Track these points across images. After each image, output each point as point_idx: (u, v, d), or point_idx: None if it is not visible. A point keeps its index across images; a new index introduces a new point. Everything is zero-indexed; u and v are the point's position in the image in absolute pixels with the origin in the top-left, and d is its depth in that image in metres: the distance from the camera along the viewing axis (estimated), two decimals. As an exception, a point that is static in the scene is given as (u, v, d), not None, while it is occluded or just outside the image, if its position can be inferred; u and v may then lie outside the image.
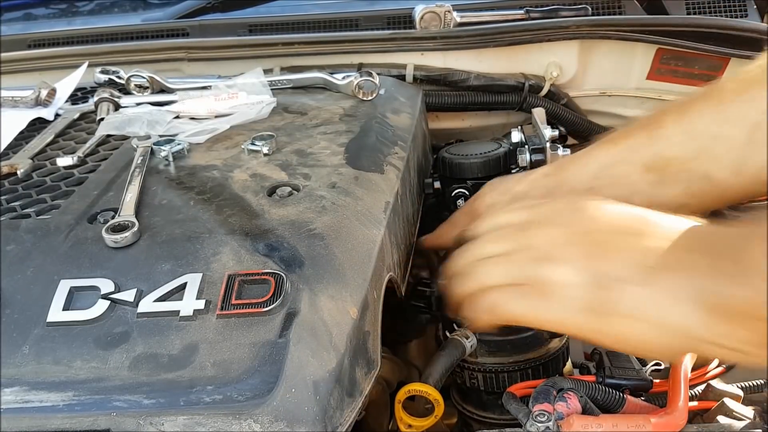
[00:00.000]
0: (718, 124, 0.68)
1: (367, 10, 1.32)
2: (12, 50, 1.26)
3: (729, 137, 0.67)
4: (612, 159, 0.73)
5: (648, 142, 0.71)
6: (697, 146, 0.69)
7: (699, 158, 0.68)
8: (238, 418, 0.45)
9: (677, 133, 0.70)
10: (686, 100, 0.72)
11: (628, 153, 0.72)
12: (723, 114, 0.68)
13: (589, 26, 1.12)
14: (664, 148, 0.70)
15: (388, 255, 0.66)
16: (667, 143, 0.70)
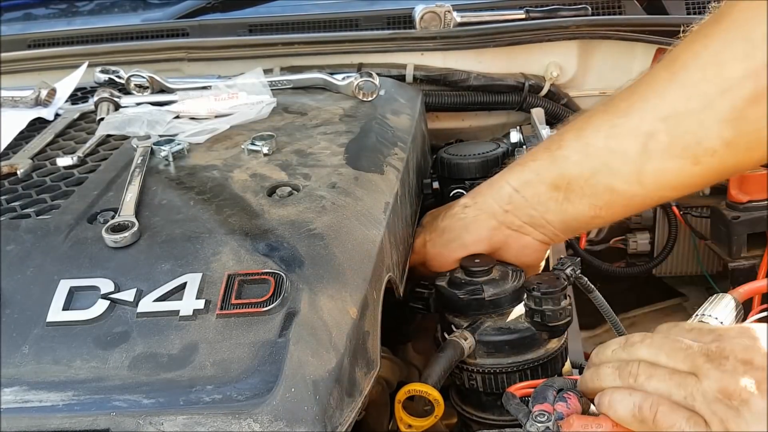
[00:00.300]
0: (612, 138, 0.71)
1: (367, 10, 1.32)
2: (12, 50, 1.26)
3: (624, 151, 0.70)
4: (521, 181, 0.76)
5: (551, 163, 0.75)
6: (596, 163, 0.72)
7: (599, 173, 0.72)
8: (237, 417, 0.45)
9: (575, 152, 0.73)
10: (585, 116, 0.76)
11: (534, 175, 0.76)
12: (616, 129, 0.71)
13: (588, 26, 1.13)
14: (564, 168, 0.73)
15: (388, 255, 0.66)
16: (566, 163, 0.73)
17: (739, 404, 0.49)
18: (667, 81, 0.68)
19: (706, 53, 0.66)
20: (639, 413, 0.53)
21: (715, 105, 0.65)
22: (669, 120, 0.68)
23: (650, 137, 0.69)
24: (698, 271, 1.25)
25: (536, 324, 0.70)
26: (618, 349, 0.58)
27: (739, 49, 0.64)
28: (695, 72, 0.67)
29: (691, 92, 0.67)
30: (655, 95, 0.69)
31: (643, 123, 0.69)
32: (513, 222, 0.77)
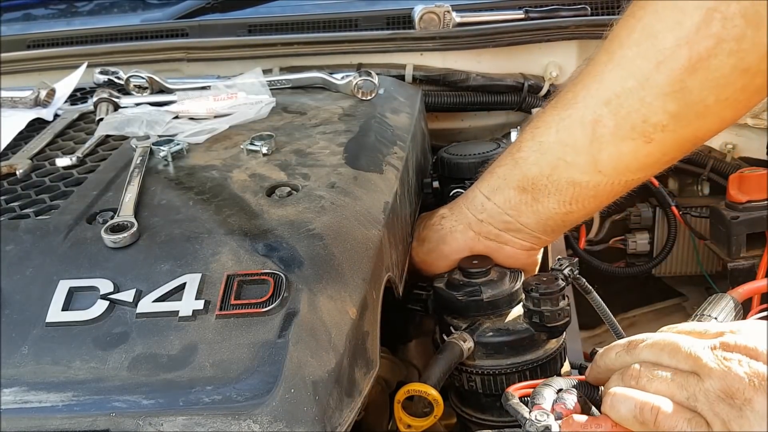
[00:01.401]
0: (562, 132, 0.71)
1: (367, 11, 1.32)
2: (11, 51, 1.26)
3: (575, 142, 0.70)
4: (491, 188, 0.76)
5: (513, 167, 0.75)
6: (551, 159, 0.72)
7: (558, 169, 0.71)
8: (237, 418, 0.46)
9: (532, 153, 0.73)
10: (539, 114, 0.76)
11: (502, 180, 0.76)
12: (565, 122, 0.70)
13: (588, 26, 1.13)
14: (526, 169, 0.73)
15: (387, 255, 0.66)
16: (526, 164, 0.73)
17: (742, 403, 0.48)
18: (605, 63, 0.67)
19: (639, 26, 0.64)
20: (640, 414, 0.52)
21: (653, 80, 0.64)
22: (611, 103, 0.66)
23: (596, 124, 0.68)
24: (697, 271, 1.25)
25: (535, 325, 0.70)
26: (621, 352, 0.58)
27: (669, 17, 0.62)
28: (629, 49, 0.65)
29: (627, 71, 0.65)
30: (595, 81, 0.68)
31: (587, 111, 0.68)
32: (490, 231, 0.77)
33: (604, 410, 0.56)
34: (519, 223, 0.75)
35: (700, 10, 0.60)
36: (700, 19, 0.60)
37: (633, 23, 0.65)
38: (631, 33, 0.65)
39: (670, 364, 0.54)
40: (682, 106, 0.63)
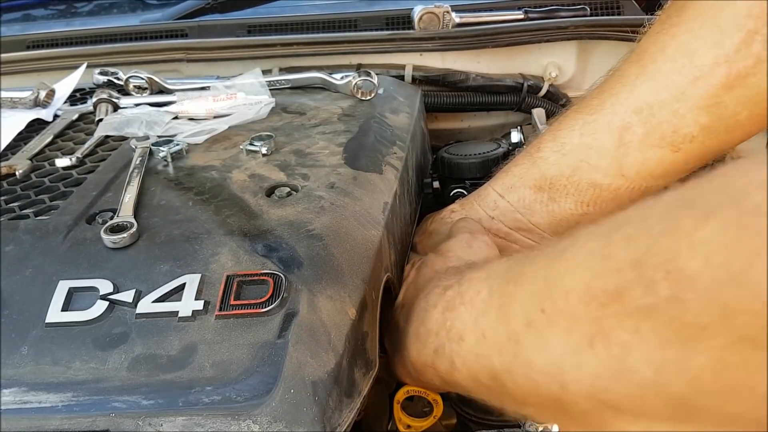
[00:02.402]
0: (587, 135, 0.72)
1: (366, 11, 1.32)
2: (11, 51, 1.26)
3: (601, 145, 0.71)
4: (505, 187, 0.77)
5: (531, 166, 0.76)
6: (573, 160, 0.73)
7: (579, 170, 0.72)
8: (236, 418, 0.46)
9: (552, 153, 0.74)
10: (559, 118, 0.77)
11: (517, 179, 0.77)
12: (591, 126, 0.71)
13: (587, 27, 1.13)
14: (544, 169, 0.74)
15: (386, 255, 0.66)
16: (545, 164, 0.74)
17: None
18: (636, 75, 0.69)
19: (673, 43, 0.66)
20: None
21: (688, 93, 0.65)
22: (642, 112, 0.68)
23: (625, 130, 0.69)
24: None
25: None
26: None
27: (708, 36, 0.63)
28: (664, 63, 0.67)
29: (661, 84, 0.67)
30: (625, 90, 0.69)
31: (615, 117, 0.70)
32: (500, 229, 0.77)
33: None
34: (531, 223, 0.76)
35: (740, 31, 0.61)
36: (740, 41, 0.62)
37: (666, 39, 0.67)
38: (664, 49, 0.67)
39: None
40: (715, 120, 0.65)
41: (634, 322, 0.39)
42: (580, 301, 0.43)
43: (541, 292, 0.47)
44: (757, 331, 0.33)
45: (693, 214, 0.37)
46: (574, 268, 0.44)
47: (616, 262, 0.41)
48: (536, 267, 0.50)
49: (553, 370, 0.45)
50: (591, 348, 0.42)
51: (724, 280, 0.34)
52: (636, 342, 0.39)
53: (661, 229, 0.39)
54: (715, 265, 0.35)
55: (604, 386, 0.42)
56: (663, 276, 0.37)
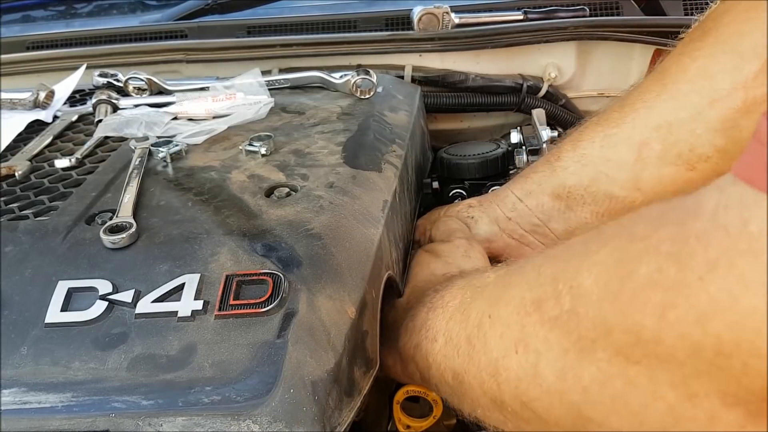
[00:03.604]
0: (607, 148, 0.74)
1: (366, 12, 1.32)
2: (10, 52, 1.26)
3: (620, 158, 0.73)
4: (524, 192, 0.80)
5: (551, 174, 0.78)
6: (592, 171, 0.75)
7: (597, 181, 0.75)
8: (236, 418, 0.45)
9: (572, 163, 0.77)
10: (579, 129, 0.79)
11: (536, 186, 0.79)
12: (610, 139, 0.74)
13: (586, 27, 1.13)
14: (563, 179, 0.77)
15: (387, 253, 0.66)
16: (564, 173, 0.77)
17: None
18: (657, 93, 0.71)
19: (694, 66, 0.68)
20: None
21: (705, 115, 0.67)
22: (661, 129, 0.70)
23: (644, 145, 0.71)
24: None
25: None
26: None
27: (728, 61, 0.65)
28: (684, 84, 0.69)
29: (680, 103, 0.69)
30: (646, 106, 0.72)
31: (635, 132, 0.72)
32: (515, 230, 0.79)
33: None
34: (547, 228, 0.78)
35: (759, 60, 0.63)
36: (759, 68, 0.63)
37: (687, 62, 0.69)
38: (686, 70, 0.69)
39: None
40: (729, 142, 0.66)
41: (545, 331, 0.44)
42: (515, 309, 0.48)
43: (493, 300, 0.53)
44: (629, 346, 0.37)
45: (598, 240, 0.43)
46: (520, 280, 0.50)
47: (543, 277, 0.46)
48: (498, 278, 0.56)
49: (492, 369, 0.50)
50: (516, 353, 0.47)
51: (605, 298, 0.39)
52: (545, 350, 0.44)
53: (577, 251, 0.44)
54: (600, 283, 0.40)
55: (524, 389, 0.47)
56: (567, 290, 0.42)
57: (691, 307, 0.34)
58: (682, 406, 0.36)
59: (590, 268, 0.41)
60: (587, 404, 0.42)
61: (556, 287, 0.43)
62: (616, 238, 0.41)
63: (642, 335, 0.36)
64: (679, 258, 0.35)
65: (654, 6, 1.28)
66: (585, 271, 0.41)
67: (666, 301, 0.35)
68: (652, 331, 0.36)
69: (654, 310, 0.35)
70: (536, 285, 0.47)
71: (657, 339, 0.35)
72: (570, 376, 0.42)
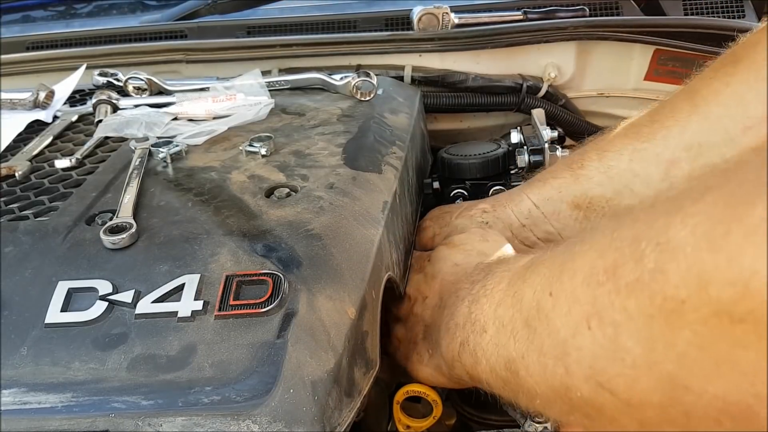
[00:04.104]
0: (636, 162, 0.73)
1: (365, 12, 1.32)
2: (10, 52, 1.26)
3: (647, 175, 0.72)
4: (542, 198, 0.78)
5: (573, 182, 0.76)
6: (618, 184, 0.74)
7: (620, 195, 0.73)
8: (236, 418, 0.46)
9: (598, 174, 0.75)
10: (605, 138, 0.77)
11: (556, 192, 0.77)
12: (640, 154, 0.73)
13: (586, 27, 1.13)
14: (587, 188, 0.75)
15: (387, 254, 0.66)
16: (589, 183, 0.75)
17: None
18: (689, 113, 0.70)
19: (727, 91, 0.67)
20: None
21: (737, 140, 0.66)
22: (691, 150, 0.69)
23: (672, 164, 0.70)
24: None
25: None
26: None
27: (762, 90, 0.65)
28: (716, 107, 0.68)
29: (713, 126, 0.68)
30: (677, 125, 0.70)
31: (665, 150, 0.70)
32: (528, 237, 0.78)
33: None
34: (561, 237, 0.77)
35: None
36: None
37: (720, 87, 0.68)
38: (717, 94, 0.68)
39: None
40: None
41: (622, 299, 0.40)
42: (583, 281, 0.44)
43: (553, 275, 0.48)
44: (732, 303, 0.33)
45: (692, 193, 0.38)
46: (586, 249, 0.45)
47: (619, 240, 0.41)
48: (556, 253, 0.51)
49: (558, 352, 0.46)
50: (588, 329, 0.42)
51: (703, 247, 0.35)
52: (625, 320, 0.40)
53: (664, 209, 0.39)
54: (698, 233, 0.35)
55: (602, 367, 0.43)
56: (652, 248, 0.38)
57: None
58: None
59: (685, 219, 0.36)
60: (684, 371, 0.37)
61: (638, 247, 0.39)
62: (719, 187, 0.36)
63: (751, 285, 0.32)
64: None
65: (654, 6, 1.28)
66: (678, 223, 0.36)
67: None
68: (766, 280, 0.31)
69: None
70: (610, 250, 0.42)
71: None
72: (660, 345, 0.38)
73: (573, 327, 0.44)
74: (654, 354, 0.38)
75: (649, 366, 0.39)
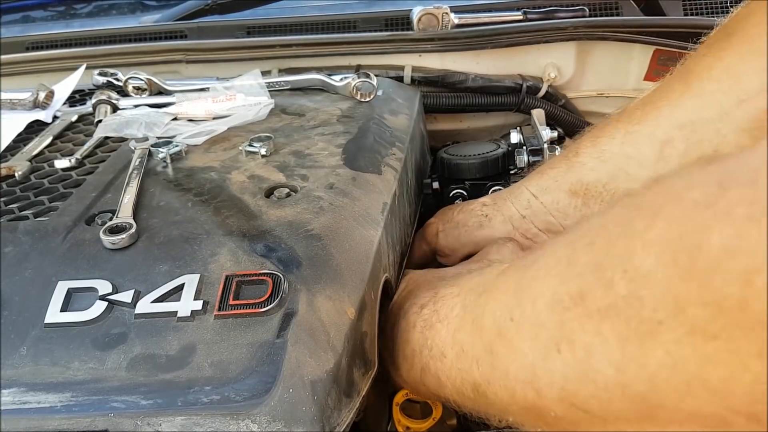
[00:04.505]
0: (628, 145, 0.72)
1: (365, 12, 1.32)
2: (10, 52, 1.26)
3: (641, 156, 0.71)
4: (540, 188, 0.78)
5: (568, 170, 0.76)
6: (612, 168, 0.73)
7: (616, 179, 0.73)
8: (235, 418, 0.46)
9: (591, 159, 0.75)
10: (599, 125, 0.77)
11: (553, 182, 0.77)
12: (632, 136, 0.72)
13: (586, 27, 1.13)
14: (581, 175, 0.75)
15: (385, 255, 0.66)
16: (583, 169, 0.75)
17: None
18: (681, 92, 0.69)
19: (720, 65, 0.67)
20: None
21: (732, 114, 0.66)
22: (685, 128, 0.68)
23: (666, 144, 0.69)
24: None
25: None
26: None
27: (755, 62, 0.64)
28: (710, 83, 0.67)
29: (706, 102, 0.67)
30: (670, 104, 0.70)
31: (658, 130, 0.70)
32: (529, 229, 0.78)
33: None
34: (561, 226, 0.77)
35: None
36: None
37: (712, 62, 0.67)
38: (710, 69, 0.67)
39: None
40: (756, 142, 0.65)
41: (595, 323, 0.40)
42: (546, 306, 0.44)
43: (511, 301, 0.48)
44: (707, 321, 0.34)
45: (643, 215, 0.38)
46: (542, 275, 0.46)
47: (579, 267, 0.42)
48: (507, 277, 0.51)
49: (527, 376, 0.46)
50: (558, 353, 0.43)
51: (674, 275, 0.35)
52: (598, 343, 0.40)
53: (618, 233, 0.40)
54: (665, 262, 0.36)
55: (574, 389, 0.43)
56: (621, 276, 0.38)
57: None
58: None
59: (646, 247, 0.37)
60: (656, 392, 0.38)
61: (603, 275, 0.40)
62: (667, 210, 0.37)
63: (723, 306, 0.33)
64: (761, 220, 0.32)
65: (653, 6, 1.29)
66: (640, 251, 0.37)
67: (751, 266, 0.32)
68: (737, 300, 0.32)
69: (737, 277, 0.32)
70: (571, 276, 0.43)
71: (742, 307, 0.32)
72: (632, 365, 0.39)
73: (542, 351, 0.44)
74: (626, 375, 0.39)
75: (621, 387, 0.40)
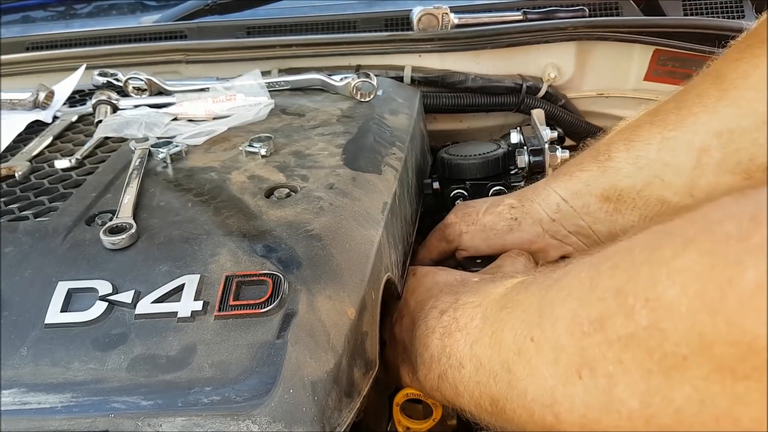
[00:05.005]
0: (665, 151, 0.71)
1: (365, 12, 1.33)
2: (10, 53, 1.26)
3: (678, 164, 0.70)
4: (570, 192, 0.77)
5: (600, 174, 0.75)
6: (648, 175, 0.72)
7: (651, 186, 0.72)
8: (236, 419, 0.46)
9: (627, 164, 0.73)
10: (630, 127, 0.75)
11: (584, 186, 0.76)
12: (669, 142, 0.71)
13: (586, 27, 1.13)
14: (616, 180, 0.74)
15: (386, 255, 0.66)
16: (617, 175, 0.74)
17: None
18: (717, 98, 0.68)
19: (757, 73, 0.66)
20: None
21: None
22: (722, 136, 0.67)
23: (703, 152, 0.68)
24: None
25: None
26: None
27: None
28: (747, 91, 0.66)
29: (744, 111, 0.66)
30: (706, 111, 0.69)
31: (695, 137, 0.69)
32: (558, 231, 0.78)
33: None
34: (591, 230, 0.76)
35: None
36: None
37: (748, 68, 0.66)
38: (747, 77, 0.66)
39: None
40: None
41: (616, 352, 0.39)
42: (566, 330, 0.43)
43: (532, 320, 0.47)
44: (736, 360, 0.33)
45: (672, 244, 0.37)
46: (564, 296, 0.45)
47: (600, 291, 0.41)
48: (530, 294, 0.50)
49: (547, 400, 0.45)
50: (579, 379, 0.42)
51: (700, 309, 0.34)
52: (620, 372, 0.39)
53: (644, 258, 0.39)
54: (691, 294, 0.35)
55: (595, 418, 0.42)
56: (642, 304, 0.37)
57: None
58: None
59: (672, 276, 0.36)
60: (683, 426, 0.37)
61: (625, 301, 0.38)
62: (699, 241, 0.36)
63: (753, 346, 0.32)
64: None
65: (653, 6, 1.29)
66: (665, 279, 0.36)
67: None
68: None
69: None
70: (592, 300, 0.41)
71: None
72: (657, 399, 0.37)
73: (563, 376, 0.43)
74: (651, 408, 0.38)
75: (646, 419, 0.39)
